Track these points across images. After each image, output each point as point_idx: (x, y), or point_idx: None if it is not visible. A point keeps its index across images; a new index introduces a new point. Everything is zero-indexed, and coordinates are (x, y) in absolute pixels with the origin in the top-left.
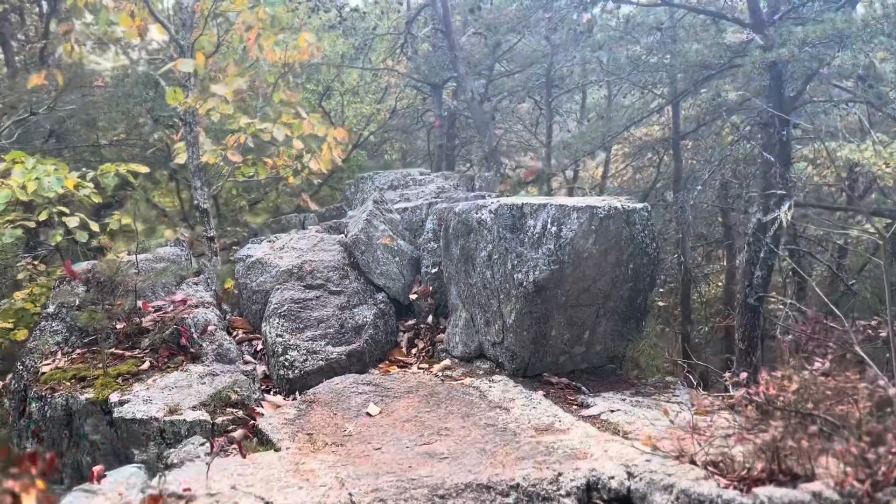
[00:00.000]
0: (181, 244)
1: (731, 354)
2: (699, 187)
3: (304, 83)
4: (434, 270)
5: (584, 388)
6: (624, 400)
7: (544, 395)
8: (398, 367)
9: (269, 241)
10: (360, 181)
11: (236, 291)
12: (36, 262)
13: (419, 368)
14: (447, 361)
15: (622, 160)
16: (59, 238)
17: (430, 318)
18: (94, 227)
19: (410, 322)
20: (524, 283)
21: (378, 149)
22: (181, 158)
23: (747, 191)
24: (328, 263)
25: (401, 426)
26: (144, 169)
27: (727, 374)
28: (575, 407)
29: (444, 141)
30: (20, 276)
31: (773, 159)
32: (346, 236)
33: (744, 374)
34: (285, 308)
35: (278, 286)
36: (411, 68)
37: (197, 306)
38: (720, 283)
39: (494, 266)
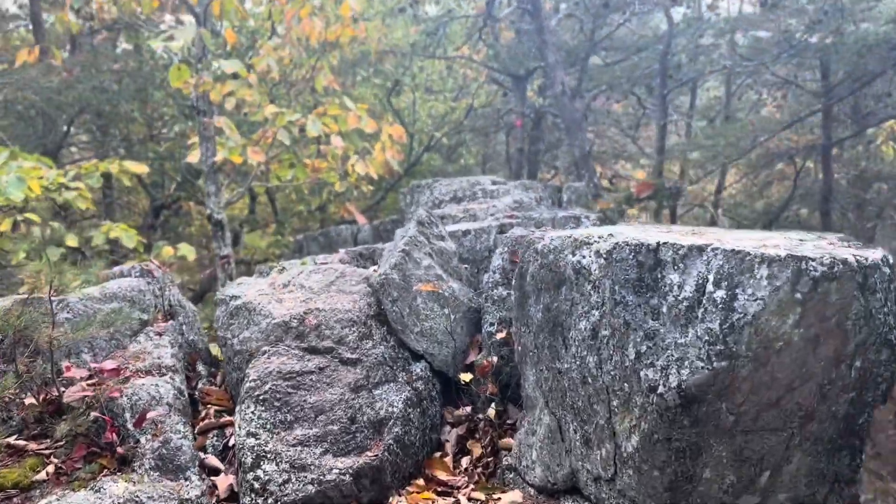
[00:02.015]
0: (147, 274)
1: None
2: None
3: (370, 76)
4: (502, 335)
5: None
6: None
7: None
8: (437, 493)
9: (278, 272)
10: (416, 190)
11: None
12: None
13: (470, 501)
14: (516, 494)
15: (740, 171)
16: (22, 254)
17: (491, 409)
18: (72, 241)
19: (463, 411)
20: (660, 389)
21: (454, 152)
22: (194, 156)
23: None
24: (343, 315)
25: None
26: (143, 168)
27: None
28: None
29: (524, 144)
30: (22, 290)
31: None
32: (374, 273)
33: None
34: (268, 388)
35: (266, 348)
36: (490, 56)
37: (149, 371)
38: None
39: (603, 348)
